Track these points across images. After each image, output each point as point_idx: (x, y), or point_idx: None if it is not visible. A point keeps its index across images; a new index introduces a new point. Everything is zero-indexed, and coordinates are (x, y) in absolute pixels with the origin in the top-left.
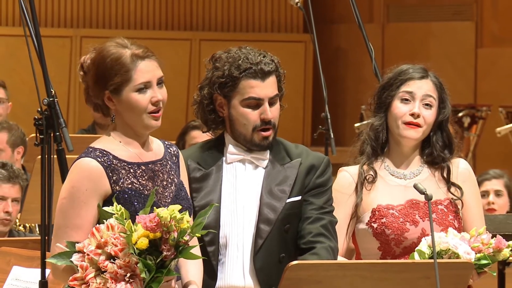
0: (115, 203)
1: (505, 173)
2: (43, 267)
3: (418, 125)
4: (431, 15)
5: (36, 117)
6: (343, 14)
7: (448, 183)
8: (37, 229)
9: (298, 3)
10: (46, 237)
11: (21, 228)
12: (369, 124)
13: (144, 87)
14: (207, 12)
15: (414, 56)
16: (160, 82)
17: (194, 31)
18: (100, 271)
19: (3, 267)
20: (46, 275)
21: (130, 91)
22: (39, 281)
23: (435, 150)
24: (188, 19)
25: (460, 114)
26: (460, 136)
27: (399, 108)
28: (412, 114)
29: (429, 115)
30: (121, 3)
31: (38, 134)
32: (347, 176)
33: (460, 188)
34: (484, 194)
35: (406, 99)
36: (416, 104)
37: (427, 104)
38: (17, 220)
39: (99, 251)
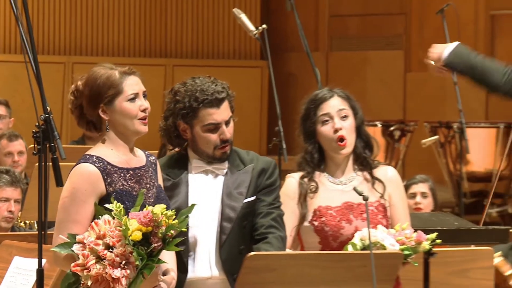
0: (114, 202)
1: (430, 177)
2: (40, 257)
3: (343, 138)
4: (367, 45)
5: (34, 130)
6: (293, 44)
7: (373, 178)
8: (36, 225)
9: (256, 35)
10: (43, 232)
11: (22, 224)
12: (303, 149)
13: (134, 97)
14: (179, 42)
15: (353, 80)
16: (144, 95)
17: (168, 58)
18: (99, 259)
19: (6, 257)
20: (43, 264)
21: (122, 101)
22: (37, 269)
23: (359, 151)
24: (163, 47)
25: (392, 128)
26: (391, 147)
27: (323, 130)
28: (335, 130)
29: (349, 124)
30: (106, 34)
31: (36, 145)
32: (293, 181)
33: (382, 182)
34: (412, 196)
35: (326, 120)
36: (335, 120)
37: (343, 116)
38: (18, 218)
39: (99, 241)
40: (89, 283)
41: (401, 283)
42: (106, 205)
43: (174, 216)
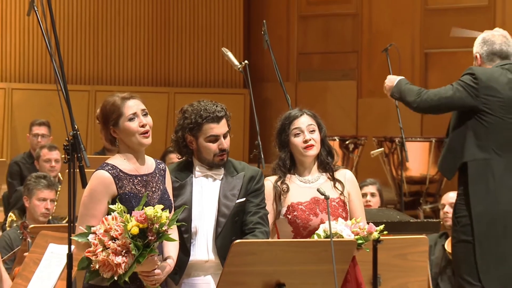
0: (117, 203)
1: (377, 181)
2: (70, 244)
3: (313, 145)
4: (327, 76)
5: (65, 144)
6: (269, 76)
7: (333, 180)
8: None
9: (240, 68)
10: (72, 224)
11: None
12: (277, 157)
13: (133, 117)
14: (179, 74)
15: (317, 104)
16: (144, 113)
17: (171, 87)
18: (105, 247)
19: (43, 244)
20: (72, 249)
21: (124, 121)
22: (67, 253)
23: (323, 158)
24: (167, 78)
25: (347, 142)
26: (347, 157)
27: (296, 141)
28: (305, 141)
29: (316, 136)
30: (122, 68)
31: (66, 155)
32: (269, 183)
33: (341, 182)
34: (363, 195)
35: (298, 133)
36: (305, 134)
37: (312, 130)
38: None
39: (106, 234)
40: (97, 266)
41: (358, 263)
42: (110, 206)
43: (163, 216)
